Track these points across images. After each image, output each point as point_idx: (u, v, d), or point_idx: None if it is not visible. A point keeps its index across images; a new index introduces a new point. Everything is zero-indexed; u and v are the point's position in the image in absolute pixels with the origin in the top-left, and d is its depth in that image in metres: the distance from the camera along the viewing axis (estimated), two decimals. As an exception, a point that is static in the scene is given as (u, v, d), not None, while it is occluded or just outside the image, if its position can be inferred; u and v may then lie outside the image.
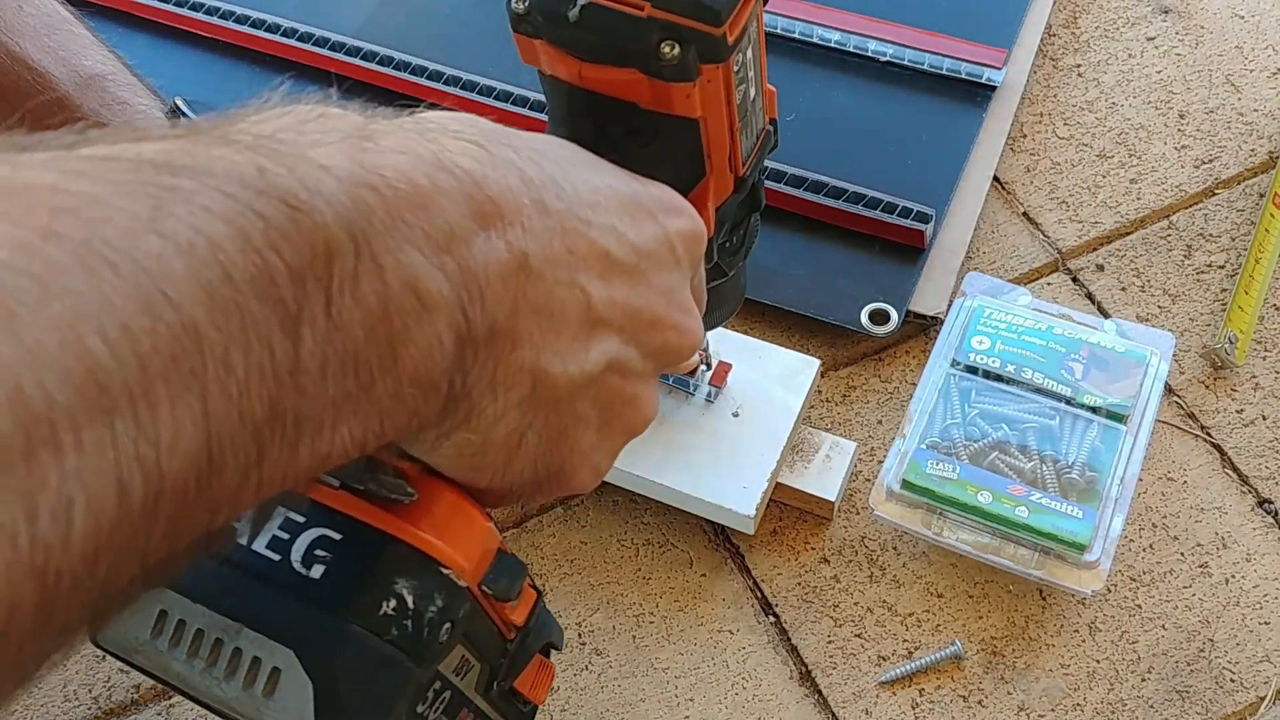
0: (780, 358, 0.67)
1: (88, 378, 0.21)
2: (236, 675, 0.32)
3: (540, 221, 0.32)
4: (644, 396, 0.38)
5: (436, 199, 0.29)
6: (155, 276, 0.23)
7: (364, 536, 0.34)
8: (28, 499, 0.20)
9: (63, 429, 0.21)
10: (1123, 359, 0.65)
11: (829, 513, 0.65)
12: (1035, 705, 0.59)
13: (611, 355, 0.35)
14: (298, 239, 0.25)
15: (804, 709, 0.60)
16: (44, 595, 0.21)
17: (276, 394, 0.25)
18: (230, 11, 0.89)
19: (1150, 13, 0.86)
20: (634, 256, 0.36)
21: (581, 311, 0.34)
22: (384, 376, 0.28)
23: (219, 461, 0.24)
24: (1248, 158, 0.78)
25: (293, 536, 0.34)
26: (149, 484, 0.22)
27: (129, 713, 0.63)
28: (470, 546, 0.35)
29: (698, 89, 0.43)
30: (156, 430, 0.22)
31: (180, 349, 0.23)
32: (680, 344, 0.38)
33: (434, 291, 0.28)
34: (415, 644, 0.33)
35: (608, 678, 0.62)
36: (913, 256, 0.73)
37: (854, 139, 0.79)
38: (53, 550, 0.21)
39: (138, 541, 0.23)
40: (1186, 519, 0.64)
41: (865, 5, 0.84)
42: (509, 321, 0.31)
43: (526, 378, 0.32)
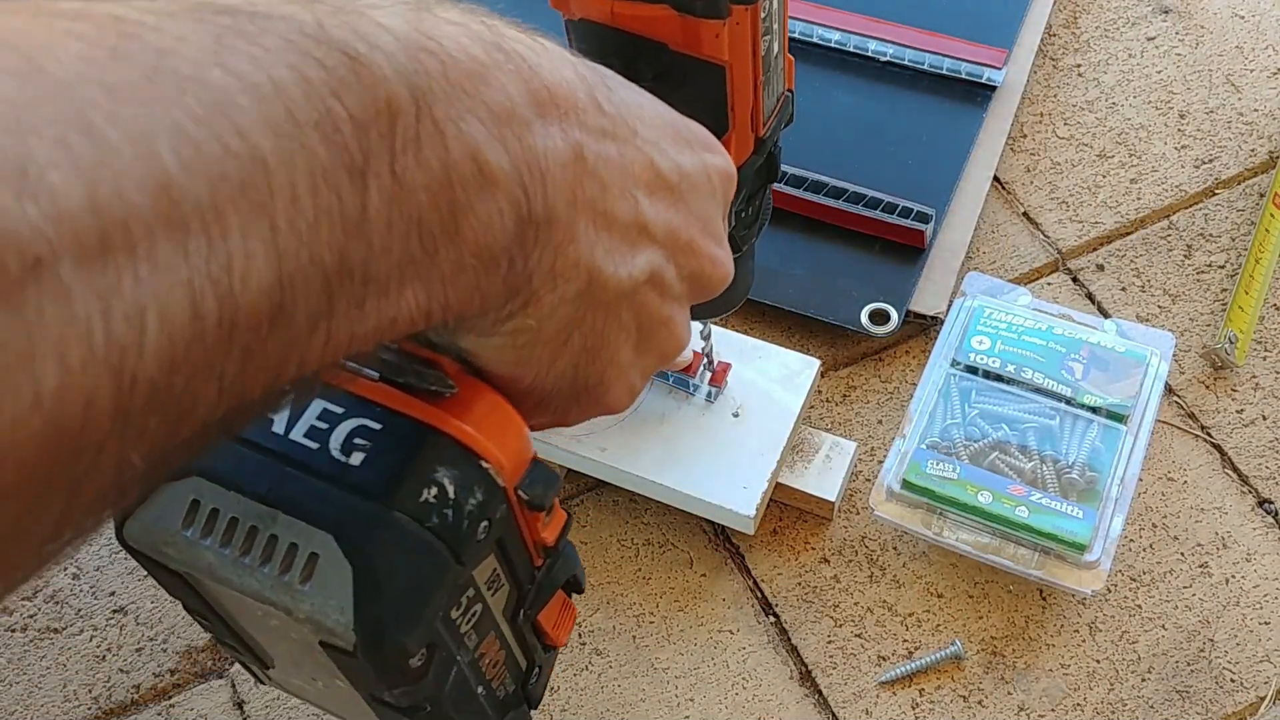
0: (780, 358, 0.67)
1: (161, 191, 0.21)
2: (272, 562, 0.32)
3: (595, 119, 0.32)
4: (678, 321, 0.38)
5: (495, 75, 0.29)
6: (223, 106, 0.23)
7: (404, 427, 0.34)
8: (103, 298, 0.20)
9: (137, 235, 0.21)
10: (1123, 359, 0.65)
11: (829, 513, 0.65)
12: (1035, 705, 0.59)
13: (655, 267, 0.35)
14: (360, 91, 0.25)
15: (804, 709, 0.60)
16: (120, 398, 0.21)
17: (344, 244, 0.25)
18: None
19: (1150, 13, 0.86)
20: (676, 177, 0.36)
21: (631, 217, 0.34)
22: (447, 245, 0.28)
23: (290, 304, 0.24)
24: (1248, 158, 0.78)
25: (331, 426, 0.33)
26: (223, 309, 0.22)
27: (129, 713, 0.63)
28: (509, 446, 0.34)
29: (726, 30, 0.43)
30: (229, 255, 0.22)
31: (249, 179, 0.23)
32: (712, 274, 0.38)
33: (495, 165, 0.28)
34: (455, 535, 0.33)
35: (608, 678, 0.62)
36: (913, 256, 0.73)
37: (854, 139, 0.79)
38: (128, 352, 0.21)
39: (214, 367, 0.23)
40: (1186, 519, 0.65)
41: (865, 5, 0.84)
42: (567, 212, 0.31)
43: (583, 273, 0.32)
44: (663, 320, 0.37)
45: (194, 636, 0.65)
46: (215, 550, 0.32)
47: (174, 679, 0.64)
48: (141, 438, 0.22)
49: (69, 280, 0.20)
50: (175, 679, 0.64)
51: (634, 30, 0.44)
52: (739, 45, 0.45)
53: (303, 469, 0.33)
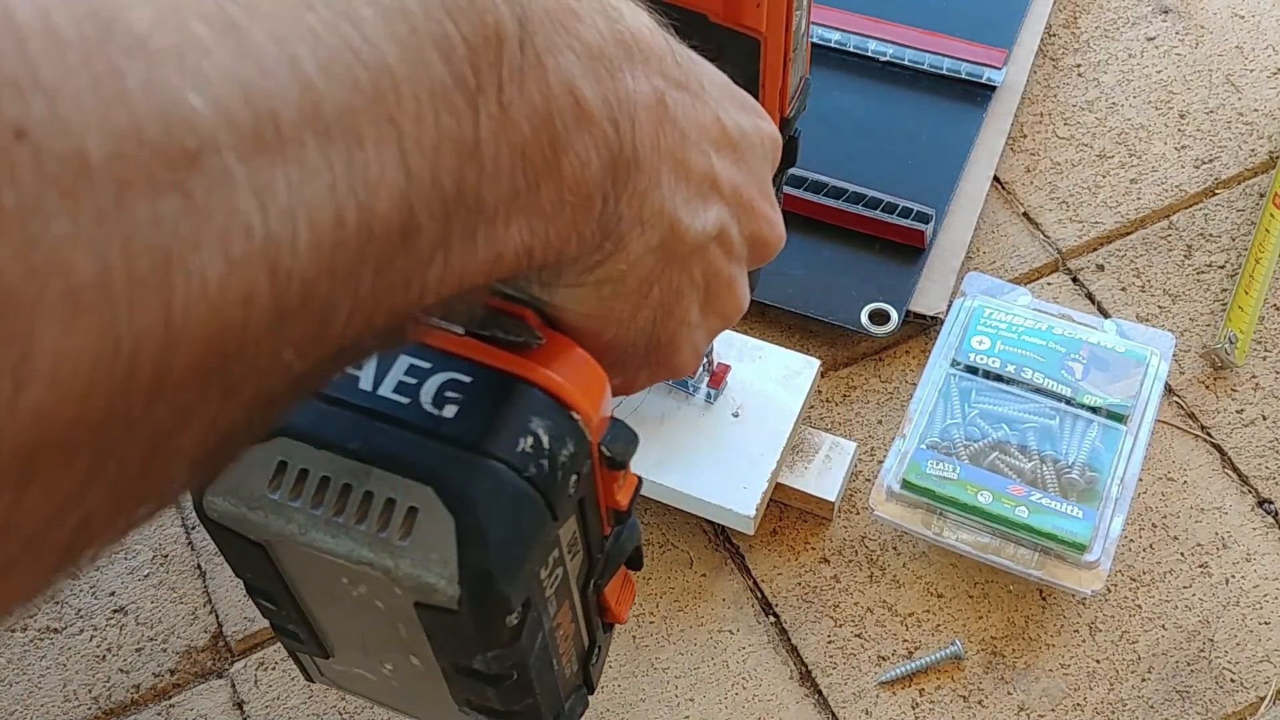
0: (780, 358, 0.67)
1: (304, 93, 0.21)
2: (368, 519, 0.31)
3: (672, 70, 0.33)
4: (740, 282, 0.39)
5: (587, 13, 0.30)
6: (350, 16, 0.23)
7: (494, 378, 0.33)
8: (260, 193, 0.21)
9: (288, 134, 0.21)
10: (1123, 359, 0.65)
11: (829, 513, 0.65)
12: (1035, 705, 0.59)
13: (723, 223, 0.36)
14: (471, 14, 0.26)
15: (804, 709, 0.60)
16: (277, 294, 0.21)
17: (460, 170, 0.25)
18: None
19: (1150, 13, 0.86)
20: (739, 135, 0.36)
21: (704, 170, 0.34)
22: (548, 179, 0.28)
23: (416, 223, 0.24)
24: (1248, 158, 0.78)
25: (420, 381, 0.33)
26: (361, 218, 0.23)
27: (129, 713, 0.63)
28: (594, 399, 0.34)
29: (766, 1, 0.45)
30: (366, 167, 0.23)
31: (379, 91, 0.23)
32: (769, 236, 0.39)
33: (590, 101, 0.29)
34: (550, 486, 0.32)
35: (608, 678, 0.62)
36: (913, 256, 0.73)
37: (854, 139, 0.79)
38: (283, 249, 0.21)
39: (352, 277, 0.23)
40: (1186, 519, 0.64)
41: (865, 5, 0.84)
42: (651, 156, 0.32)
43: (665, 221, 0.33)
44: (728, 280, 0.37)
45: (194, 636, 0.65)
46: (306, 512, 0.31)
47: (174, 679, 0.64)
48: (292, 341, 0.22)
49: (232, 169, 0.20)
50: (175, 679, 0.64)
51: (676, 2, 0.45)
52: (775, 17, 0.46)
53: (395, 423, 0.32)
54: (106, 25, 0.19)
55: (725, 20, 0.45)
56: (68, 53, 0.18)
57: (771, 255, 0.40)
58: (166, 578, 0.67)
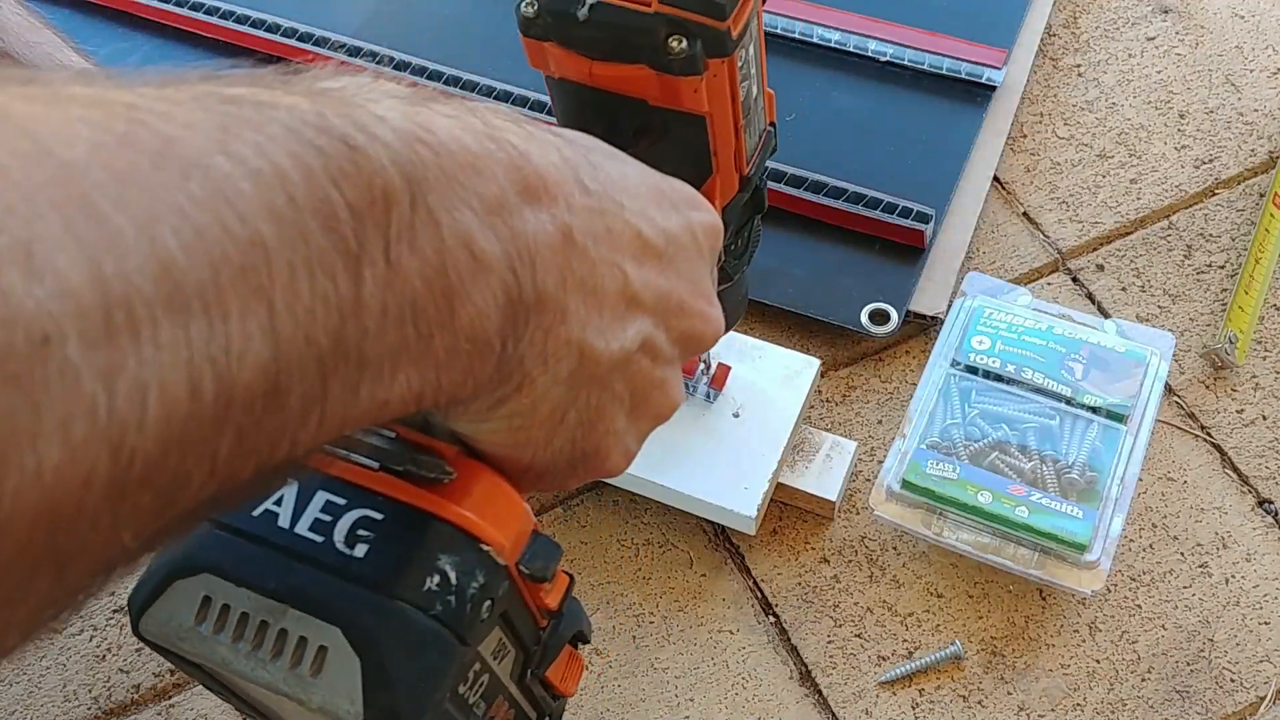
0: (780, 358, 0.67)
1: (164, 273, 0.22)
2: (283, 656, 0.33)
3: (581, 199, 0.33)
4: (671, 381, 0.39)
5: (488, 165, 0.30)
6: (225, 191, 0.23)
7: (405, 516, 0.34)
8: (107, 376, 0.21)
9: (141, 317, 0.21)
10: (1123, 359, 0.65)
11: (830, 512, 0.65)
12: (1035, 705, 0.59)
13: (645, 335, 0.36)
14: (357, 179, 0.26)
15: (804, 709, 0.60)
16: (116, 472, 0.21)
17: (340, 329, 0.26)
18: (230, 11, 0.89)
19: (1150, 13, 0.86)
20: (663, 241, 0.36)
21: (620, 289, 0.35)
22: (441, 330, 0.29)
23: (285, 385, 0.25)
24: (1248, 158, 0.78)
25: (335, 518, 0.34)
26: (220, 389, 0.23)
27: (129, 713, 0.63)
28: (508, 525, 0.35)
29: (704, 83, 0.44)
30: (228, 337, 0.23)
31: (249, 263, 0.23)
32: (704, 331, 0.39)
33: (488, 252, 0.29)
34: (458, 620, 0.33)
35: (608, 678, 0.62)
36: (913, 256, 0.73)
37: (854, 139, 0.79)
38: (128, 429, 0.21)
39: (207, 446, 0.23)
40: (1186, 519, 0.64)
41: (865, 5, 0.84)
42: (557, 292, 0.32)
43: (574, 351, 0.33)
44: (656, 383, 0.38)
45: (194, 636, 0.65)
46: (229, 645, 0.33)
47: (174, 679, 0.64)
48: (134, 514, 0.23)
49: (75, 358, 0.20)
50: (175, 679, 0.64)
51: (613, 89, 0.45)
52: (718, 96, 0.45)
53: (309, 562, 0.33)
54: None
55: (664, 104, 0.45)
56: None
57: (709, 346, 0.40)
58: (166, 578, 0.67)
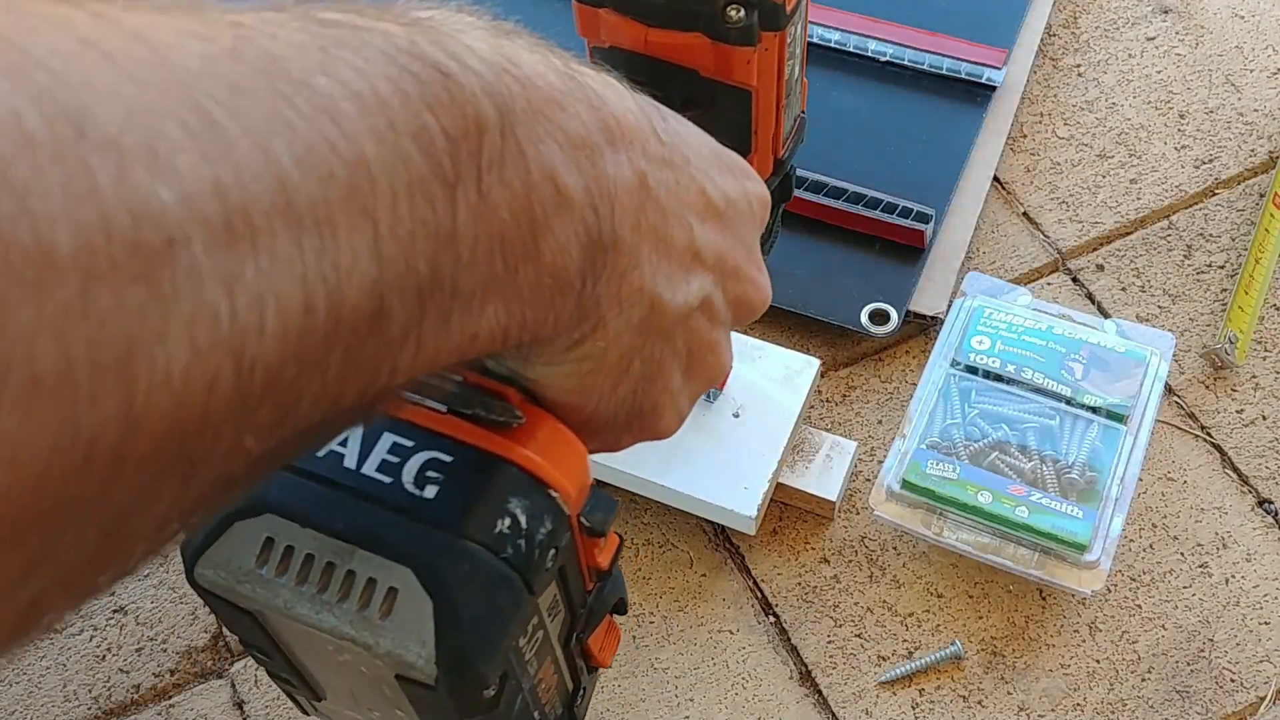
0: (780, 358, 0.67)
1: (277, 186, 0.22)
2: (350, 598, 0.32)
3: (656, 149, 0.33)
4: (724, 345, 0.39)
5: (570, 102, 0.30)
6: (331, 110, 0.24)
7: (475, 457, 0.34)
8: (229, 282, 0.21)
9: (259, 227, 0.22)
10: (1123, 359, 0.65)
11: (830, 513, 0.65)
12: (1035, 705, 0.59)
13: (706, 293, 0.36)
14: (451, 106, 0.26)
15: (804, 709, 0.60)
16: (239, 381, 0.22)
17: (436, 255, 0.26)
18: (230, 11, 0.89)
19: (1150, 13, 0.86)
20: (724, 202, 0.37)
21: (686, 243, 0.35)
22: (526, 264, 0.29)
23: (388, 307, 0.25)
24: (1248, 158, 0.78)
25: (402, 460, 0.34)
26: (330, 305, 0.23)
27: (129, 713, 0.63)
28: (574, 473, 0.35)
29: (756, 56, 0.45)
30: (337, 254, 0.23)
31: (355, 183, 0.24)
32: (755, 298, 0.39)
33: (571, 187, 0.30)
34: (527, 565, 0.33)
35: (608, 678, 0.62)
36: (913, 256, 0.73)
37: (854, 139, 0.79)
38: (249, 338, 0.22)
39: (319, 363, 0.24)
40: (1186, 519, 0.65)
41: (865, 5, 0.84)
42: (632, 237, 0.32)
43: (645, 299, 0.34)
44: (710, 345, 0.38)
45: (194, 636, 0.65)
46: (292, 588, 0.33)
47: (174, 679, 0.64)
48: (255, 425, 0.23)
49: (200, 261, 0.20)
50: (175, 679, 0.64)
51: (667, 58, 0.46)
52: (766, 70, 0.46)
53: (378, 503, 0.33)
54: (78, 124, 0.19)
55: (716, 75, 0.46)
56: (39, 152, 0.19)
57: (758, 314, 0.40)
58: (166, 578, 0.67)
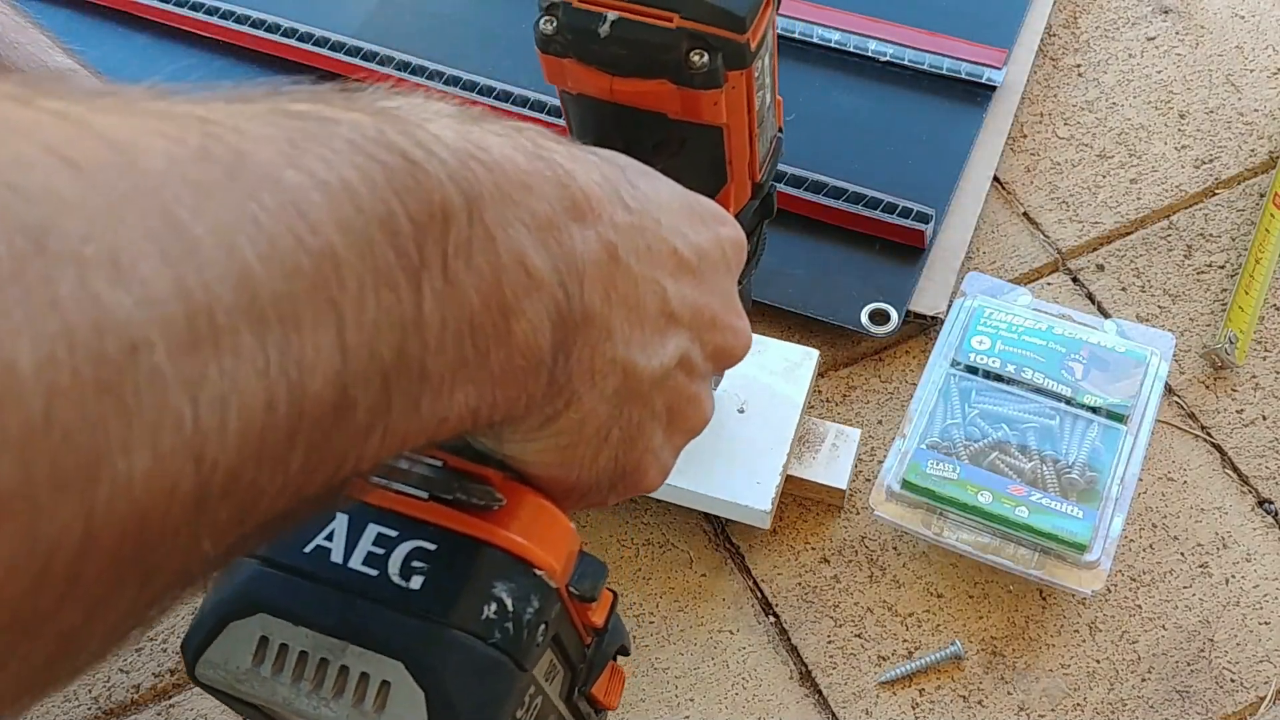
0: (779, 351, 0.67)
1: (242, 284, 0.22)
2: (345, 693, 0.33)
3: (623, 217, 0.34)
4: (704, 396, 0.39)
5: (538, 183, 0.30)
6: (298, 203, 0.24)
7: (458, 544, 0.34)
8: (192, 386, 0.21)
9: (222, 326, 0.22)
10: (1123, 359, 0.65)
11: (840, 501, 0.65)
12: (1035, 705, 0.59)
13: (683, 351, 0.37)
14: (418, 193, 0.26)
15: (804, 709, 0.60)
16: (199, 483, 0.21)
17: (402, 343, 0.26)
18: (230, 11, 0.89)
19: (1150, 13, 0.86)
20: (696, 257, 0.37)
21: (660, 306, 0.35)
22: (498, 346, 0.29)
23: (352, 398, 0.25)
24: (1248, 158, 0.78)
25: (388, 551, 0.34)
26: (292, 401, 0.23)
27: (129, 713, 0.63)
28: (558, 547, 0.36)
29: (724, 95, 0.45)
30: (301, 348, 0.23)
31: (321, 274, 0.24)
32: (735, 345, 0.40)
33: (540, 268, 0.30)
34: (516, 646, 0.34)
35: (608, 678, 0.62)
36: (913, 256, 0.73)
37: (854, 139, 0.79)
38: (210, 440, 0.21)
39: (281, 459, 0.24)
40: (1186, 519, 0.64)
41: (865, 5, 0.84)
42: (603, 309, 0.33)
43: (619, 369, 0.34)
44: (690, 399, 0.38)
45: (194, 636, 0.65)
46: (290, 685, 0.33)
47: (174, 679, 0.64)
48: (214, 527, 0.23)
49: (163, 366, 0.20)
50: (175, 679, 0.64)
51: (634, 104, 0.45)
52: (736, 107, 0.46)
53: (366, 597, 0.33)
54: (38, 239, 0.19)
55: (684, 117, 0.45)
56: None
57: (738, 360, 0.41)
58: (166, 577, 0.67)
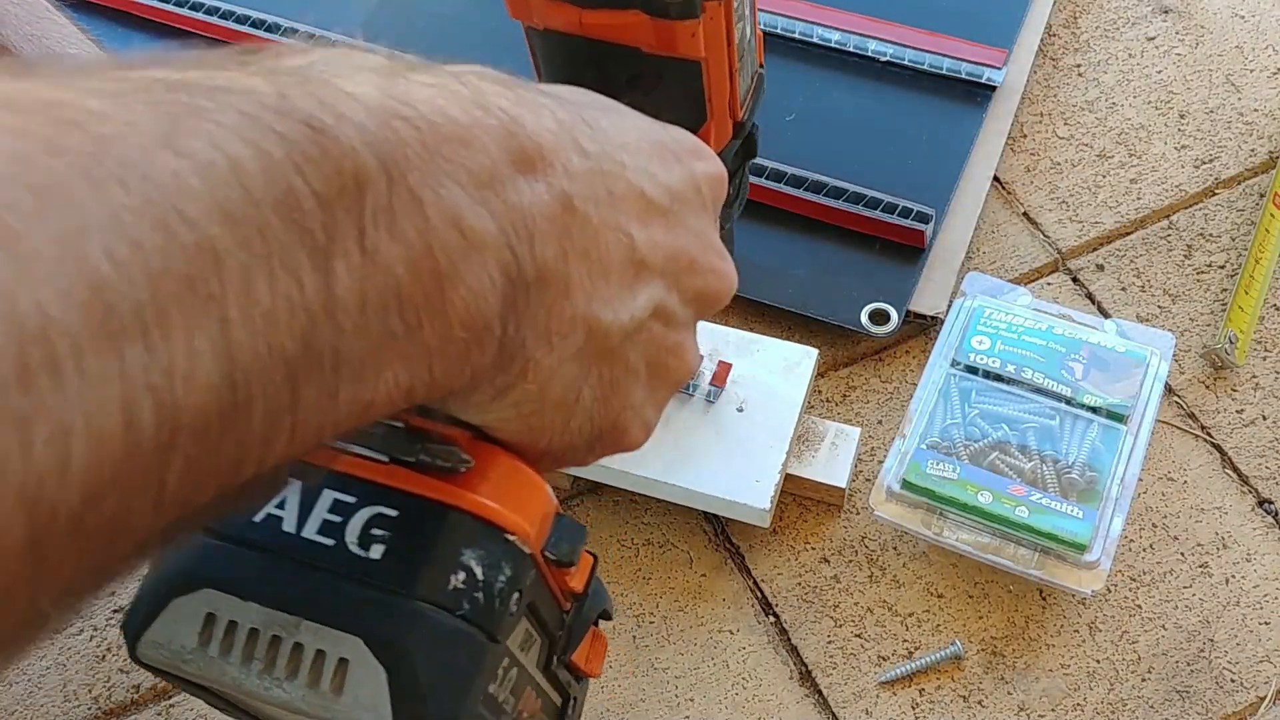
0: (778, 350, 0.67)
1: (92, 297, 0.20)
2: (299, 673, 0.30)
3: (580, 163, 0.31)
4: (687, 345, 0.37)
5: (477, 135, 0.28)
6: (170, 193, 0.21)
7: (422, 509, 0.32)
8: (20, 425, 0.19)
9: (62, 351, 0.19)
10: (1123, 359, 0.65)
11: (839, 500, 0.65)
12: (1035, 705, 0.59)
13: (657, 300, 0.35)
14: (324, 164, 0.24)
15: (804, 709, 0.60)
16: (35, 531, 0.19)
17: (309, 330, 0.24)
18: (230, 11, 0.89)
19: (1150, 13, 0.86)
20: (667, 198, 0.35)
21: (626, 255, 0.33)
22: (432, 318, 0.27)
23: (245, 399, 0.23)
24: (1248, 158, 0.78)
25: (345, 518, 0.32)
26: (162, 417, 0.21)
27: (129, 713, 0.63)
28: (531, 510, 0.33)
29: (701, 27, 0.43)
30: (170, 358, 0.21)
31: (197, 270, 0.21)
32: (719, 287, 0.37)
33: (480, 229, 0.28)
34: (488, 617, 0.31)
35: (608, 678, 0.62)
36: (913, 256, 0.73)
37: (854, 139, 0.79)
38: (47, 481, 0.19)
39: (150, 482, 0.21)
40: (1186, 519, 0.65)
41: (865, 5, 0.84)
42: (558, 265, 0.30)
43: (580, 326, 0.32)
44: (671, 349, 0.36)
45: (194, 636, 0.65)
46: (239, 665, 0.31)
47: (174, 679, 0.64)
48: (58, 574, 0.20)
49: None
50: (175, 679, 0.64)
51: (605, 38, 0.43)
52: (714, 39, 0.44)
53: (321, 569, 0.31)
54: None
55: (659, 51, 0.43)
56: None
57: (725, 302, 0.38)
58: (166, 577, 0.67)
